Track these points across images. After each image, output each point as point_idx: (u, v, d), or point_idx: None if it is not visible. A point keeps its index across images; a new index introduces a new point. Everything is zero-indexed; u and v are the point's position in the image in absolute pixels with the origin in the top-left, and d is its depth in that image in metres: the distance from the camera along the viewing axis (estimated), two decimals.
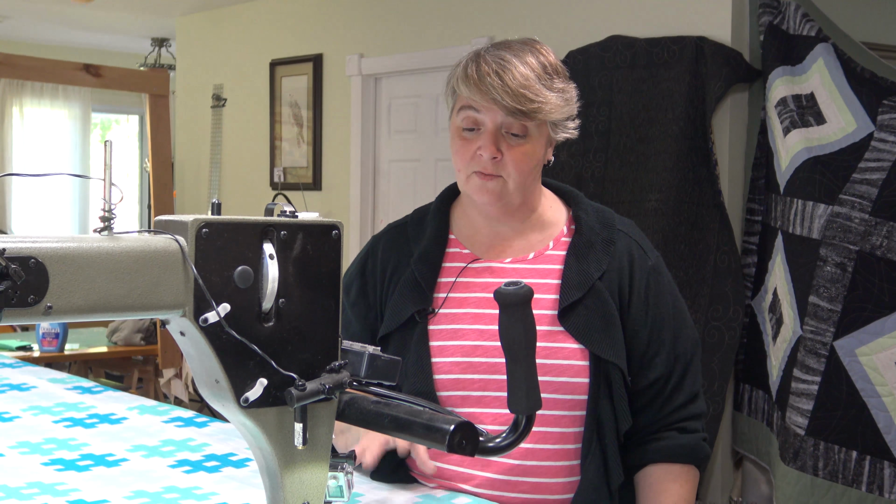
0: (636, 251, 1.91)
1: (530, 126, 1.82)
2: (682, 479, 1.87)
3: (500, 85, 1.77)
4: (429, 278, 1.91)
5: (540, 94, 1.80)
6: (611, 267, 1.87)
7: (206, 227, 1.05)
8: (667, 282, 1.94)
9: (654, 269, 1.92)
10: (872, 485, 3.84)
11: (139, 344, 5.95)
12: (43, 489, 1.62)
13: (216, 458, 1.84)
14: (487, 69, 1.79)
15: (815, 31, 4.24)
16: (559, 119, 1.86)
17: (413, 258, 1.94)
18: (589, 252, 1.88)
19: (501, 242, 1.94)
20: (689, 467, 1.89)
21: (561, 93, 1.85)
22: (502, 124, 1.81)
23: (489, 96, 1.79)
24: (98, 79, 5.44)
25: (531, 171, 1.87)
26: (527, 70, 1.80)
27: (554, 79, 1.85)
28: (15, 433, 1.99)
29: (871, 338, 3.82)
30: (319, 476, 1.15)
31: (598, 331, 1.82)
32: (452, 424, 1.14)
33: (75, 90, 9.40)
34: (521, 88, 1.78)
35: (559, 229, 1.95)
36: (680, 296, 1.97)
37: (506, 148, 1.82)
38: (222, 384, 1.08)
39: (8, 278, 0.95)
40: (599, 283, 1.85)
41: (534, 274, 1.89)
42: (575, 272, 1.86)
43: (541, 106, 1.80)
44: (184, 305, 1.05)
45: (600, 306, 1.84)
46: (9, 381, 2.49)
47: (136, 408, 2.23)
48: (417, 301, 1.89)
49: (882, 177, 3.85)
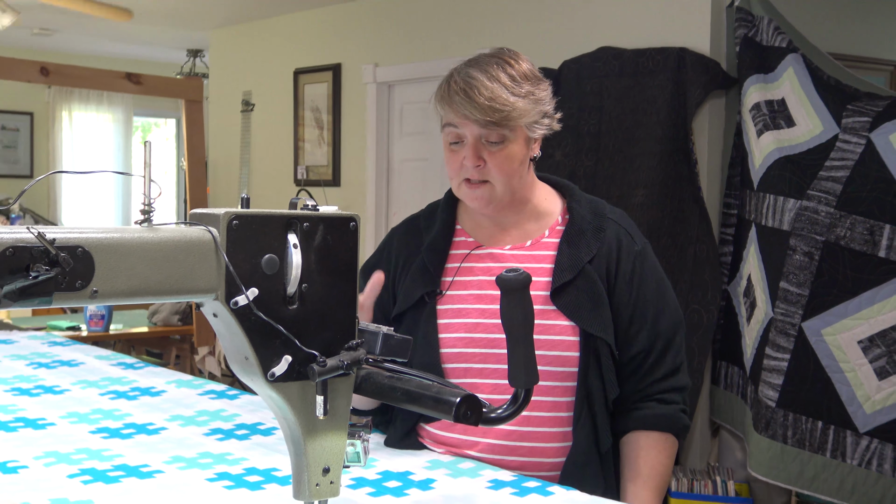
0: (624, 237, 1.91)
1: (506, 132, 1.81)
2: (660, 446, 1.87)
3: (469, 102, 1.78)
4: (437, 264, 1.92)
5: (507, 102, 1.79)
6: (600, 251, 1.87)
7: (236, 219, 1.05)
8: (651, 266, 1.93)
9: (640, 253, 1.91)
10: (836, 451, 3.84)
11: (176, 324, 5.97)
12: (90, 455, 1.63)
13: (246, 427, 1.85)
14: (456, 88, 1.81)
15: (785, 43, 4.23)
16: (531, 120, 1.84)
17: (423, 247, 1.95)
18: (580, 238, 1.88)
19: (501, 231, 1.94)
20: (667, 435, 1.88)
21: (528, 96, 1.83)
22: (480, 135, 1.81)
23: (461, 113, 1.80)
24: (139, 86, 5.44)
25: (516, 172, 1.86)
26: (492, 83, 1.80)
27: (522, 84, 1.83)
28: (65, 404, 2.00)
29: (836, 319, 3.81)
30: (339, 443, 1.15)
31: (587, 309, 1.82)
32: (458, 397, 1.14)
33: (118, 96, 9.42)
34: (487, 102, 1.78)
35: (554, 219, 1.95)
36: (665, 279, 1.96)
37: (487, 155, 1.82)
38: (251, 361, 1.08)
39: (58, 265, 0.95)
40: (589, 266, 1.85)
41: (530, 259, 1.89)
42: (567, 257, 1.86)
43: (509, 113, 1.79)
44: (216, 290, 1.05)
45: (589, 287, 1.84)
46: (59, 357, 2.50)
47: (174, 382, 2.24)
48: (426, 284, 1.90)
49: (846, 174, 3.84)
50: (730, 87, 4.50)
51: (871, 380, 3.76)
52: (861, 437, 3.78)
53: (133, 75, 5.40)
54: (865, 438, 3.78)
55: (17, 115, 9.20)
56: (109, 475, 1.51)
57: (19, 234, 0.94)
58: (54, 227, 0.97)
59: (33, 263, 0.94)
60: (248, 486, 1.46)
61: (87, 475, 1.50)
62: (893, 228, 3.71)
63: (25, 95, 9.01)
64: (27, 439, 1.72)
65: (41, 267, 0.94)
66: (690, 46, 4.48)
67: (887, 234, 3.72)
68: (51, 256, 0.95)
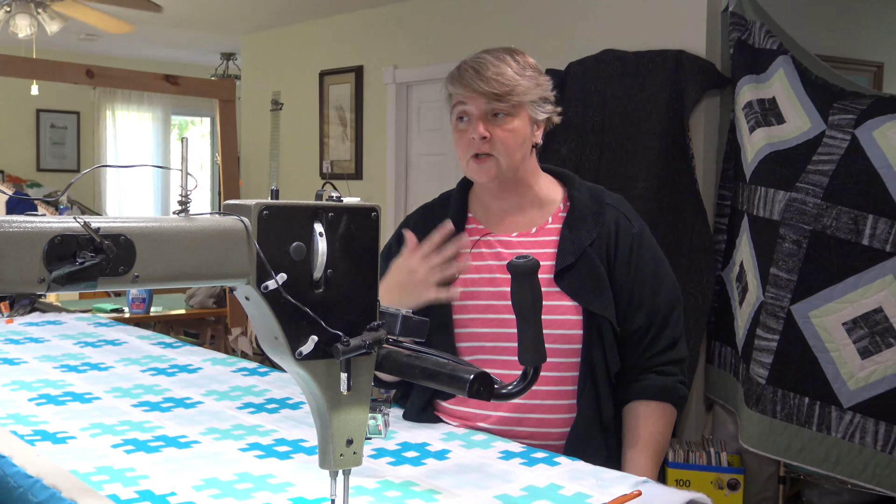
0: (622, 221, 1.90)
1: (510, 107, 1.83)
2: (658, 414, 1.86)
3: (477, 76, 1.81)
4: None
5: (512, 79, 1.82)
6: (599, 235, 1.87)
7: (266, 209, 1.05)
8: (648, 247, 1.92)
9: (638, 235, 1.90)
10: (822, 425, 3.83)
11: (211, 307, 5.99)
12: (132, 426, 1.63)
13: (275, 402, 1.85)
14: (466, 67, 1.85)
15: (776, 46, 4.21)
16: (533, 99, 1.86)
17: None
18: (581, 224, 1.88)
19: (508, 218, 1.94)
20: (665, 405, 1.87)
21: (532, 78, 1.86)
22: (486, 110, 1.83)
23: (470, 88, 1.82)
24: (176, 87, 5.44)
25: (519, 148, 1.86)
26: (500, 62, 1.84)
27: (526, 69, 1.86)
28: (109, 380, 2.01)
29: (822, 303, 3.80)
30: (361, 417, 1.15)
31: (588, 289, 1.82)
32: (472, 374, 1.14)
33: (157, 97, 9.44)
34: (494, 76, 1.81)
35: (556, 206, 1.94)
36: (663, 260, 1.95)
37: (493, 128, 1.83)
38: (280, 340, 1.08)
39: (102, 252, 0.95)
40: (590, 249, 1.85)
41: (536, 245, 1.89)
42: (568, 241, 1.86)
43: (514, 88, 1.82)
44: (248, 275, 1.05)
45: (591, 269, 1.84)
46: (104, 337, 2.51)
47: (209, 360, 2.25)
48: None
49: (832, 168, 3.82)
50: (724, 87, 4.49)
51: (854, 359, 3.75)
52: (845, 412, 3.77)
53: (171, 77, 5.40)
54: (849, 413, 3.77)
55: (64, 114, 9.24)
56: (150, 445, 1.51)
57: (67, 224, 0.95)
58: (99, 217, 0.97)
59: (80, 250, 0.94)
60: (278, 456, 1.47)
61: (130, 445, 1.51)
62: (876, 218, 3.69)
63: (72, 96, 9.04)
64: (75, 412, 1.73)
65: (87, 254, 0.94)
66: (687, 49, 4.46)
67: (870, 224, 3.70)
68: (96, 244, 0.95)
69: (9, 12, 5.43)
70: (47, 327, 2.65)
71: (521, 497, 1.28)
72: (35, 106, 8.94)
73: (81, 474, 1.33)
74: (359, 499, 1.25)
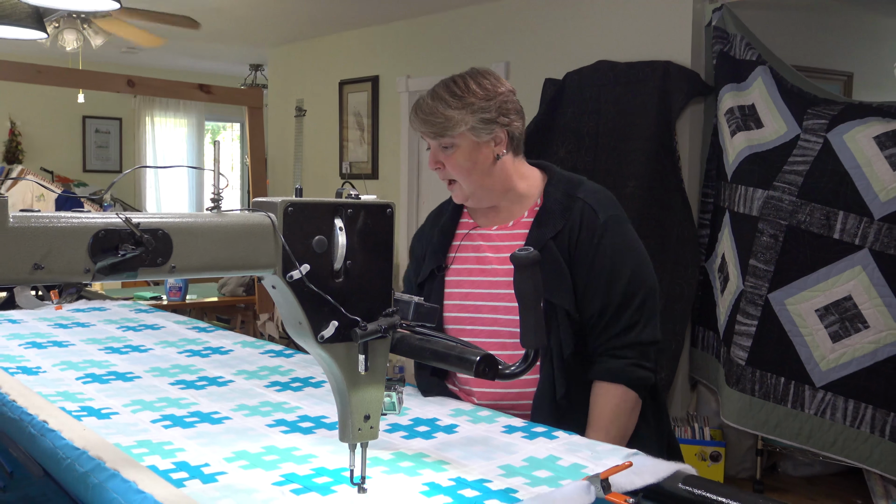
0: (587, 213, 1.84)
1: (450, 139, 1.83)
2: (609, 395, 1.80)
3: (416, 117, 1.86)
4: (444, 243, 1.97)
5: (443, 115, 1.81)
6: (564, 228, 1.83)
7: (291, 206, 1.05)
8: (613, 236, 1.84)
9: (602, 225, 1.83)
10: (796, 403, 3.82)
11: (241, 294, 6.00)
12: (170, 403, 1.64)
13: (299, 381, 1.85)
14: (415, 107, 1.88)
15: (755, 57, 4.20)
16: (473, 125, 1.82)
17: (436, 229, 2.01)
18: (548, 218, 1.85)
19: (491, 213, 1.94)
20: (617, 386, 1.81)
21: (467, 107, 1.82)
22: (434, 144, 1.86)
23: (415, 127, 1.87)
24: (209, 95, 5.44)
25: (472, 170, 1.85)
26: (434, 101, 1.84)
27: (464, 97, 1.82)
28: (149, 361, 2.01)
29: (797, 291, 3.80)
30: (377, 395, 1.15)
31: (545, 279, 1.73)
32: (478, 356, 1.13)
33: (192, 104, 9.45)
34: (427, 116, 1.83)
35: (533, 201, 1.91)
36: (630, 248, 1.87)
37: (444, 159, 1.85)
38: (304, 325, 1.08)
39: (142, 245, 0.95)
40: (551, 242, 1.81)
41: (510, 238, 1.89)
42: (534, 235, 1.85)
43: (445, 123, 1.81)
44: (274, 266, 1.05)
45: (551, 260, 1.80)
46: (144, 322, 2.51)
47: (240, 342, 2.25)
48: (436, 260, 1.96)
49: (806, 168, 3.81)
50: (708, 94, 4.47)
51: (825, 342, 3.74)
52: (817, 390, 3.77)
53: (204, 86, 5.41)
54: (821, 392, 3.76)
55: (108, 120, 9.25)
56: (186, 420, 1.52)
57: (110, 219, 0.95)
58: (139, 214, 0.97)
59: (122, 243, 0.94)
60: (302, 431, 1.47)
61: (167, 420, 1.51)
62: (846, 214, 3.68)
63: (115, 104, 9.06)
64: (118, 390, 1.73)
65: (128, 246, 0.94)
66: (674, 60, 4.45)
67: (841, 219, 3.69)
68: (136, 237, 0.95)
69: (58, 28, 5.44)
70: (93, 313, 2.66)
71: (523, 467, 1.28)
72: (81, 113, 8.96)
73: (123, 447, 1.33)
74: (375, 469, 1.25)
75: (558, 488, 1.17)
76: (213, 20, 6.45)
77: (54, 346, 2.14)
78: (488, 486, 1.19)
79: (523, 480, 1.22)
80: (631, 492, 1.19)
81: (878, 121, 3.71)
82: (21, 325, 2.42)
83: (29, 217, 0.91)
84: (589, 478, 1.18)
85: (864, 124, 3.73)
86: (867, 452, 3.66)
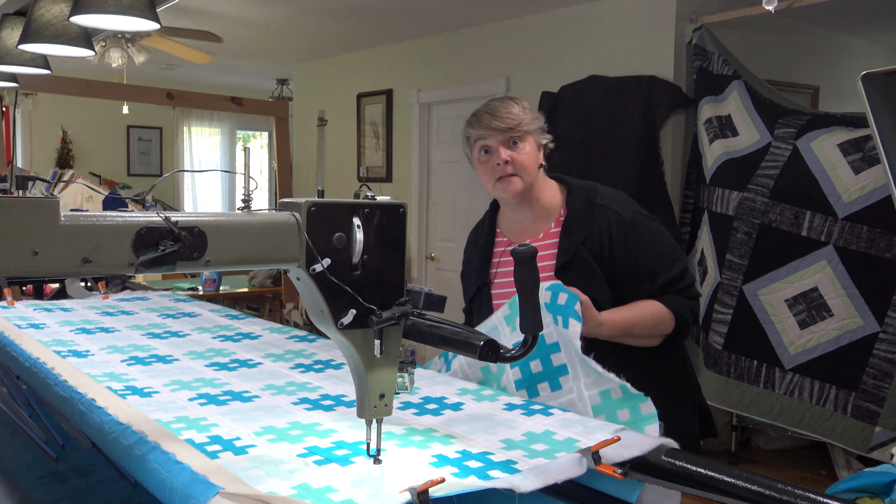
0: (613, 216, 1.90)
1: (520, 136, 1.90)
2: (657, 308, 1.84)
3: (493, 117, 1.90)
4: (484, 262, 2.04)
5: (518, 115, 1.90)
6: (591, 233, 1.88)
7: (314, 206, 1.05)
8: (645, 229, 1.90)
9: (631, 223, 1.89)
10: (767, 383, 3.81)
11: (269, 286, 6.01)
12: (205, 383, 1.64)
13: (321, 363, 1.85)
14: (482, 113, 1.94)
15: (731, 72, 4.19)
16: (535, 128, 1.93)
17: (476, 250, 2.09)
18: (575, 227, 1.90)
19: (523, 228, 1.99)
20: (666, 309, 1.85)
21: (530, 113, 1.94)
22: (504, 140, 1.90)
23: (489, 127, 1.90)
24: (240, 107, 5.45)
25: (533, 166, 1.92)
26: (506, 105, 1.93)
27: (525, 110, 1.94)
28: (186, 345, 2.01)
29: (769, 283, 3.78)
30: (391, 376, 1.15)
31: (580, 281, 1.81)
32: (482, 341, 1.13)
33: (225, 115, 9.45)
34: (506, 115, 1.90)
35: (557, 212, 1.97)
36: (660, 234, 1.93)
37: (511, 153, 1.90)
38: (325, 313, 1.08)
39: (180, 241, 0.95)
40: (582, 247, 1.87)
41: (542, 248, 1.93)
42: (565, 243, 1.89)
43: (521, 121, 1.90)
44: (299, 259, 1.05)
45: (583, 264, 1.86)
46: (182, 310, 2.52)
47: (268, 328, 2.25)
48: (480, 278, 2.03)
49: (777, 172, 3.80)
50: (688, 106, 4.46)
51: (794, 329, 3.73)
52: (787, 372, 3.76)
53: (236, 99, 5.41)
54: (790, 374, 3.75)
55: (149, 129, 9.26)
56: (219, 399, 1.52)
57: (151, 218, 0.94)
58: (177, 213, 0.97)
59: (161, 239, 0.94)
60: (323, 408, 1.47)
61: (203, 398, 1.51)
62: (813, 214, 3.67)
63: (156, 114, 9.07)
64: (158, 371, 1.73)
65: (167, 242, 0.94)
66: (658, 75, 4.44)
67: (808, 219, 3.68)
68: (175, 234, 0.95)
69: (104, 46, 5.45)
70: (136, 302, 2.66)
71: (522, 441, 1.27)
72: (126, 123, 8.97)
73: (164, 422, 1.33)
74: (389, 442, 1.25)
75: (554, 460, 1.17)
76: (243, 39, 6.45)
77: (101, 332, 2.14)
78: (491, 458, 1.18)
79: (522, 453, 1.21)
80: (619, 463, 1.19)
81: (841, 130, 3.70)
82: (72, 312, 2.43)
83: (79, 216, 0.91)
84: (581, 451, 1.17)
85: (829, 133, 3.72)
86: (831, 428, 3.65)
